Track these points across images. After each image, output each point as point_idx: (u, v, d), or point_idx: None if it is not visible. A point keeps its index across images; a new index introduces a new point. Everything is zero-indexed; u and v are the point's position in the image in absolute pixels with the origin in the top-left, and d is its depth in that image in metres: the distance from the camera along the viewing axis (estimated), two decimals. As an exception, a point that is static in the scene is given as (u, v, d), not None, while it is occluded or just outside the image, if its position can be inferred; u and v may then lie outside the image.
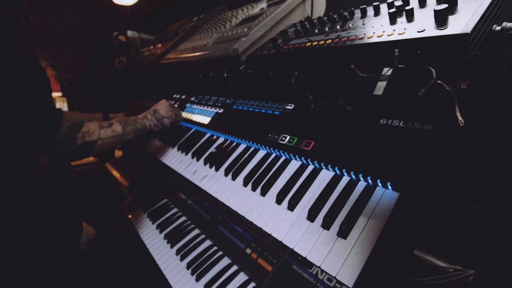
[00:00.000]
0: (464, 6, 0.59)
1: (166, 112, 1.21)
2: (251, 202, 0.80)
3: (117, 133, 1.02)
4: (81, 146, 0.89)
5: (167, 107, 1.24)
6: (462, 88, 0.62)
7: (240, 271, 0.75)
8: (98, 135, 0.95)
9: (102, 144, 0.96)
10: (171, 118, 1.22)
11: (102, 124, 0.99)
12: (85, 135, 0.91)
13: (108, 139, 0.98)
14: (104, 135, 0.97)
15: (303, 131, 0.83)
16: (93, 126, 0.95)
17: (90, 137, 0.92)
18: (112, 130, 1.00)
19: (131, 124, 1.08)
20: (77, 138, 0.88)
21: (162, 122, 1.18)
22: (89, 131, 0.93)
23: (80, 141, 0.89)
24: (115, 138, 1.01)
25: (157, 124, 1.17)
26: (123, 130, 1.04)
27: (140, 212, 1.19)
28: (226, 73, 1.18)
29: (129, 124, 1.07)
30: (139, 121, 1.12)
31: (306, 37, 0.87)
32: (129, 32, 2.48)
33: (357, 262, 0.55)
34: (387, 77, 0.79)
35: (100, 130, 0.96)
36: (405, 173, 0.58)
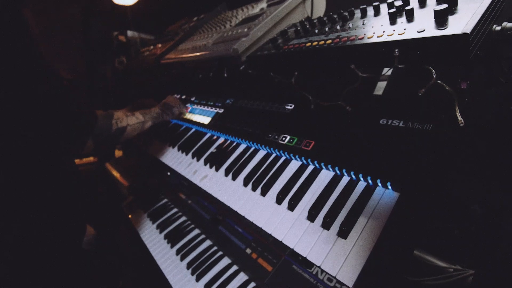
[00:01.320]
0: (464, 6, 0.59)
1: (173, 102, 1.36)
2: (251, 202, 0.80)
3: (140, 120, 1.15)
4: (116, 131, 1.04)
5: (174, 99, 1.40)
6: (462, 88, 0.62)
7: (240, 271, 0.75)
8: (127, 122, 1.09)
9: (131, 130, 1.10)
10: (179, 107, 1.38)
11: (127, 113, 1.12)
12: (117, 121, 1.05)
13: (135, 125, 1.11)
14: (131, 121, 1.11)
15: (303, 131, 0.83)
16: (121, 114, 1.09)
17: (121, 123, 1.07)
18: (136, 118, 1.14)
19: (148, 113, 1.21)
20: (112, 125, 1.03)
21: (172, 111, 1.32)
22: (119, 118, 1.07)
23: (115, 126, 1.04)
24: (138, 124, 1.14)
25: (168, 113, 1.31)
26: (144, 117, 1.18)
27: (140, 212, 1.19)
28: (226, 73, 1.18)
29: (147, 114, 1.21)
30: (154, 111, 1.25)
31: (306, 37, 0.87)
32: (129, 32, 2.48)
33: (357, 262, 0.55)
34: (387, 77, 0.79)
35: (127, 117, 1.11)
36: (405, 173, 0.58)
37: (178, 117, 1.40)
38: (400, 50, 0.61)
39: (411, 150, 0.60)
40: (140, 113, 1.17)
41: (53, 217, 0.87)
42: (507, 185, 0.55)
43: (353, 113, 0.77)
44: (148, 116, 1.20)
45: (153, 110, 1.25)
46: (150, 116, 1.20)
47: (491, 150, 0.58)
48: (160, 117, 1.26)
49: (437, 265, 0.52)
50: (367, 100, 0.79)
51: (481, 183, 0.56)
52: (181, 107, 1.40)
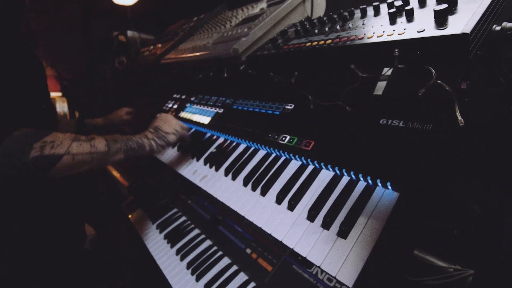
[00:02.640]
0: (464, 6, 0.59)
1: (169, 126, 1.02)
2: (251, 202, 0.80)
3: (98, 149, 0.78)
4: (37, 160, 0.66)
5: (169, 121, 1.05)
6: (462, 88, 0.62)
7: (240, 271, 0.75)
8: (67, 148, 0.71)
9: (71, 162, 0.72)
10: (176, 133, 1.03)
11: (79, 137, 0.77)
12: (46, 145, 0.68)
13: (82, 155, 0.74)
14: (76, 149, 0.73)
15: (303, 131, 0.83)
16: (64, 136, 0.73)
17: (54, 149, 0.69)
18: (90, 145, 0.77)
19: (122, 141, 0.86)
20: (32, 148, 0.66)
21: (167, 140, 0.99)
22: (55, 141, 0.70)
23: (36, 152, 0.66)
24: (92, 155, 0.77)
25: (161, 142, 0.97)
26: (108, 147, 0.81)
27: (140, 212, 1.19)
28: (226, 73, 1.18)
29: (118, 142, 0.85)
30: (135, 140, 0.90)
31: (306, 37, 0.87)
32: (129, 32, 2.48)
33: (357, 262, 0.55)
34: (387, 77, 0.79)
35: (73, 142, 0.73)
36: (405, 173, 0.58)
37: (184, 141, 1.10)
38: (400, 50, 0.61)
39: (411, 150, 0.60)
40: (105, 140, 0.82)
41: (53, 217, 0.88)
42: (507, 185, 0.54)
43: (353, 113, 0.77)
44: (118, 146, 0.84)
45: (133, 137, 0.91)
46: (122, 146, 0.85)
47: (491, 150, 0.58)
48: (143, 149, 0.91)
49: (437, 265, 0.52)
50: (367, 100, 0.79)
51: (480, 183, 0.56)
52: (180, 132, 1.05)
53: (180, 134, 1.05)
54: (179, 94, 1.62)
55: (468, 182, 0.56)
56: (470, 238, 0.55)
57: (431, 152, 0.58)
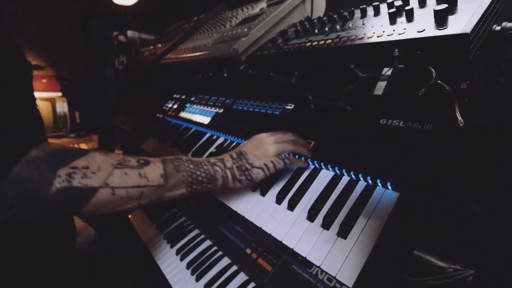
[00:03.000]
0: (464, 6, 0.59)
1: (260, 157, 0.71)
2: (251, 202, 0.80)
3: (150, 182, 0.57)
4: (62, 193, 0.47)
5: (264, 148, 0.72)
6: (462, 88, 0.62)
7: (240, 271, 0.75)
8: (105, 178, 0.52)
9: (109, 198, 0.52)
10: (266, 168, 0.70)
11: (126, 160, 0.56)
12: (76, 173, 0.49)
13: (125, 189, 0.54)
14: (119, 180, 0.53)
15: (303, 131, 0.83)
16: (104, 159, 0.53)
17: (86, 178, 0.49)
18: (140, 175, 0.56)
19: (187, 169, 0.62)
20: (56, 176, 0.47)
21: (249, 176, 0.70)
22: (89, 167, 0.50)
23: (61, 182, 0.47)
24: (141, 190, 0.56)
25: (240, 177, 0.69)
26: (165, 178, 0.59)
27: (140, 213, 1.19)
28: (226, 73, 1.18)
29: (182, 169, 0.62)
30: (206, 167, 0.65)
31: (306, 37, 0.87)
32: (129, 32, 2.48)
33: (357, 262, 0.55)
34: (387, 77, 0.79)
35: (115, 169, 0.53)
36: (405, 173, 0.58)
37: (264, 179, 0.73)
38: (400, 50, 0.61)
39: (411, 150, 0.60)
40: (164, 164, 0.60)
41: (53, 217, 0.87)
42: (507, 185, 0.55)
43: (353, 113, 0.77)
44: (182, 176, 0.61)
45: (207, 164, 0.66)
46: (186, 177, 0.62)
47: (491, 150, 0.58)
48: (212, 182, 0.66)
49: (437, 265, 0.52)
50: (367, 100, 0.79)
51: (480, 183, 0.56)
52: (279, 164, 0.72)
53: (271, 170, 0.72)
54: (179, 94, 1.62)
55: (468, 182, 0.56)
56: (470, 238, 0.55)
57: (431, 152, 0.58)
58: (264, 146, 0.72)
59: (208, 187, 0.66)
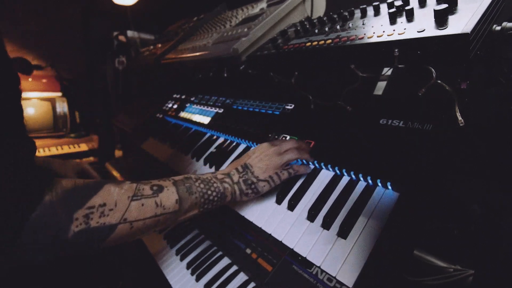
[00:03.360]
0: (464, 6, 0.59)
1: (265, 169, 0.71)
2: (251, 202, 0.80)
3: (166, 209, 0.56)
4: (80, 235, 0.46)
5: (269, 160, 0.71)
6: (462, 88, 0.62)
7: (240, 271, 0.75)
8: (123, 214, 0.51)
9: (128, 231, 0.52)
10: (271, 181, 0.71)
11: (139, 189, 0.55)
12: (93, 213, 0.47)
13: (143, 221, 0.53)
14: (137, 213, 0.52)
15: (303, 131, 0.83)
16: (119, 193, 0.52)
17: (104, 217, 0.48)
18: (157, 204, 0.55)
19: (199, 190, 0.62)
20: (73, 220, 0.45)
21: (256, 189, 0.70)
22: (106, 204, 0.49)
23: (79, 225, 0.46)
24: (158, 218, 0.55)
25: (247, 191, 0.69)
26: (180, 203, 0.58)
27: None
28: (226, 73, 1.18)
29: (194, 192, 0.61)
30: (215, 185, 0.64)
31: (306, 37, 0.87)
32: (129, 32, 2.48)
33: (357, 262, 0.55)
34: (387, 77, 0.79)
35: (131, 202, 0.52)
36: (405, 173, 0.58)
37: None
38: (400, 50, 0.61)
39: (411, 150, 0.60)
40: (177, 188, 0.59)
41: None
42: (507, 185, 0.55)
43: (353, 113, 0.77)
44: (195, 198, 0.61)
45: (216, 181, 0.66)
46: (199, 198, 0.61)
47: (491, 150, 0.58)
48: (223, 199, 0.66)
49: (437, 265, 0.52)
50: (367, 100, 0.79)
51: (480, 183, 0.56)
52: (278, 179, 0.72)
53: (276, 182, 0.72)
54: (179, 94, 1.62)
55: (468, 182, 0.56)
56: (470, 238, 0.55)
57: (431, 152, 0.58)
58: (269, 158, 0.72)
59: (218, 205, 0.66)
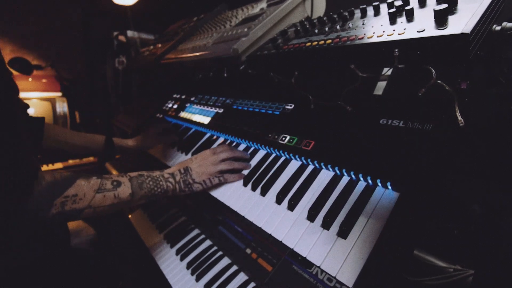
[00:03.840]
0: (464, 6, 0.59)
1: (201, 174, 0.87)
2: (251, 202, 0.80)
3: (121, 200, 0.73)
4: (56, 217, 0.63)
5: (206, 166, 0.88)
6: (462, 88, 0.62)
7: (240, 271, 0.75)
8: (89, 202, 0.68)
9: (91, 214, 0.70)
10: (204, 184, 0.87)
11: (103, 184, 0.71)
12: (67, 201, 0.64)
13: (103, 207, 0.70)
14: (99, 202, 0.69)
15: (303, 131, 0.83)
16: (88, 186, 0.68)
17: (75, 204, 0.65)
18: (115, 196, 0.72)
19: (148, 187, 0.79)
20: (53, 205, 0.62)
21: (191, 189, 0.86)
22: (77, 195, 0.66)
23: (57, 209, 0.62)
24: (114, 206, 0.73)
25: (184, 189, 0.85)
26: (132, 195, 0.75)
27: (140, 213, 1.19)
28: (226, 73, 1.18)
29: (144, 187, 0.78)
30: (161, 183, 0.82)
31: (306, 37, 0.87)
32: (129, 32, 2.48)
33: (357, 262, 0.55)
34: (387, 77, 0.79)
35: (96, 194, 0.69)
36: (405, 173, 0.58)
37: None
38: (400, 50, 0.61)
39: (411, 150, 0.60)
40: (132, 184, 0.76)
41: None
42: (507, 185, 0.55)
43: (353, 113, 0.77)
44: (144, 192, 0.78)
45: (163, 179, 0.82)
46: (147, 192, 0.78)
47: (491, 150, 0.58)
48: (165, 194, 0.82)
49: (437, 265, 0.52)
50: (367, 100, 0.79)
51: (480, 183, 0.56)
52: (210, 183, 0.88)
53: (208, 185, 0.88)
54: (179, 94, 1.62)
55: (468, 182, 0.56)
56: (470, 238, 0.55)
57: (431, 152, 0.58)
58: (206, 165, 0.89)
59: (161, 197, 0.83)
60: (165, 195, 0.83)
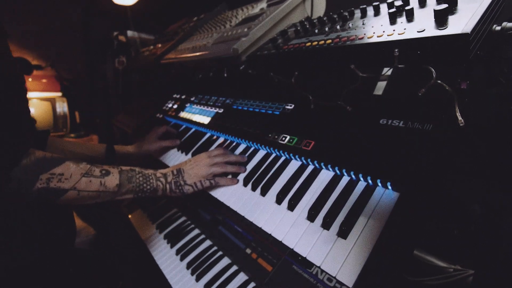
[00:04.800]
0: (464, 6, 0.59)
1: (193, 176, 0.88)
2: (251, 202, 0.80)
3: (107, 189, 0.75)
4: (41, 191, 0.66)
5: (198, 169, 0.89)
6: (462, 88, 0.62)
7: (240, 271, 0.75)
8: (74, 184, 0.70)
9: (76, 197, 0.71)
10: (194, 186, 0.88)
11: (92, 170, 0.74)
12: (53, 178, 0.67)
13: (88, 192, 0.73)
14: (84, 186, 0.72)
15: (303, 131, 0.83)
16: (75, 169, 0.71)
17: (60, 182, 0.68)
18: (101, 183, 0.74)
19: (136, 182, 0.81)
20: (38, 179, 0.65)
21: (182, 190, 0.87)
22: (64, 174, 0.69)
23: (42, 184, 0.66)
24: (99, 193, 0.75)
25: (175, 190, 0.87)
26: (119, 187, 0.77)
27: (140, 213, 1.19)
28: (226, 73, 1.18)
29: (133, 181, 0.80)
30: (152, 181, 0.83)
31: (306, 37, 0.87)
32: (129, 32, 2.48)
33: (357, 262, 0.55)
34: (387, 77, 0.79)
35: (82, 177, 0.71)
36: (405, 173, 0.58)
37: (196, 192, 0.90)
38: (400, 50, 0.61)
39: (411, 150, 0.60)
40: (120, 177, 0.78)
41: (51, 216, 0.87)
42: (507, 185, 0.55)
43: (353, 113, 0.77)
44: (132, 187, 0.80)
45: (153, 178, 0.84)
46: (135, 187, 0.80)
47: (491, 150, 0.58)
48: (154, 192, 0.84)
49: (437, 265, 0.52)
50: (367, 100, 0.79)
51: (480, 183, 0.56)
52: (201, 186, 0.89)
53: (199, 188, 0.89)
54: (179, 94, 1.62)
55: (468, 182, 0.56)
56: (470, 238, 0.55)
57: (431, 152, 0.58)
58: (198, 168, 0.89)
59: (150, 196, 0.84)
60: (154, 194, 0.84)
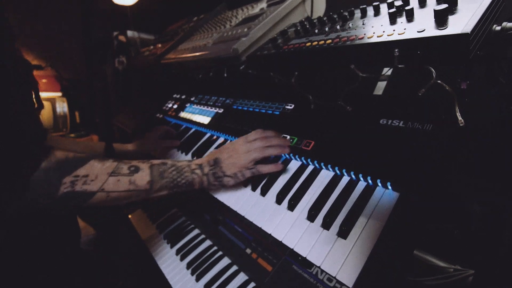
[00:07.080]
0: (464, 6, 0.59)
1: (233, 165, 0.78)
2: (251, 202, 0.80)
3: (138, 187, 0.68)
4: (66, 196, 0.60)
5: (238, 157, 0.79)
6: (462, 88, 0.62)
7: (240, 271, 0.75)
8: (102, 185, 0.63)
9: (104, 199, 0.65)
10: (235, 177, 0.79)
11: (119, 168, 0.67)
12: (78, 181, 0.61)
13: (117, 193, 0.65)
14: (113, 186, 0.65)
15: (303, 131, 0.83)
16: (101, 168, 0.64)
17: (86, 185, 0.62)
18: (130, 181, 0.67)
19: (170, 176, 0.72)
20: (62, 183, 0.59)
21: (222, 182, 0.79)
22: (89, 175, 0.62)
23: (66, 188, 0.59)
24: (130, 193, 0.67)
25: (214, 182, 0.78)
26: (151, 184, 0.69)
27: (140, 213, 1.19)
28: (226, 73, 1.18)
29: (166, 176, 0.72)
30: (186, 174, 0.75)
31: (306, 37, 0.87)
32: (129, 32, 2.48)
33: (357, 262, 0.55)
34: (387, 77, 0.79)
35: (110, 177, 0.64)
36: (405, 173, 0.58)
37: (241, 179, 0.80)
38: (400, 50, 0.61)
39: (411, 150, 0.60)
40: (152, 172, 0.70)
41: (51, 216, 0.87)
42: (507, 185, 0.54)
43: (353, 113, 0.77)
44: (166, 182, 0.72)
45: (187, 171, 0.75)
46: (169, 183, 0.72)
47: (491, 150, 0.58)
48: (191, 186, 0.76)
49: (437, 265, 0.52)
50: (367, 100, 0.79)
51: (481, 183, 0.56)
52: (248, 173, 0.79)
53: (240, 179, 0.80)
54: (179, 94, 1.62)
55: (468, 182, 0.56)
56: (470, 238, 0.55)
57: (431, 152, 0.58)
58: (237, 156, 0.79)
59: (186, 190, 0.77)
60: (190, 188, 0.76)
